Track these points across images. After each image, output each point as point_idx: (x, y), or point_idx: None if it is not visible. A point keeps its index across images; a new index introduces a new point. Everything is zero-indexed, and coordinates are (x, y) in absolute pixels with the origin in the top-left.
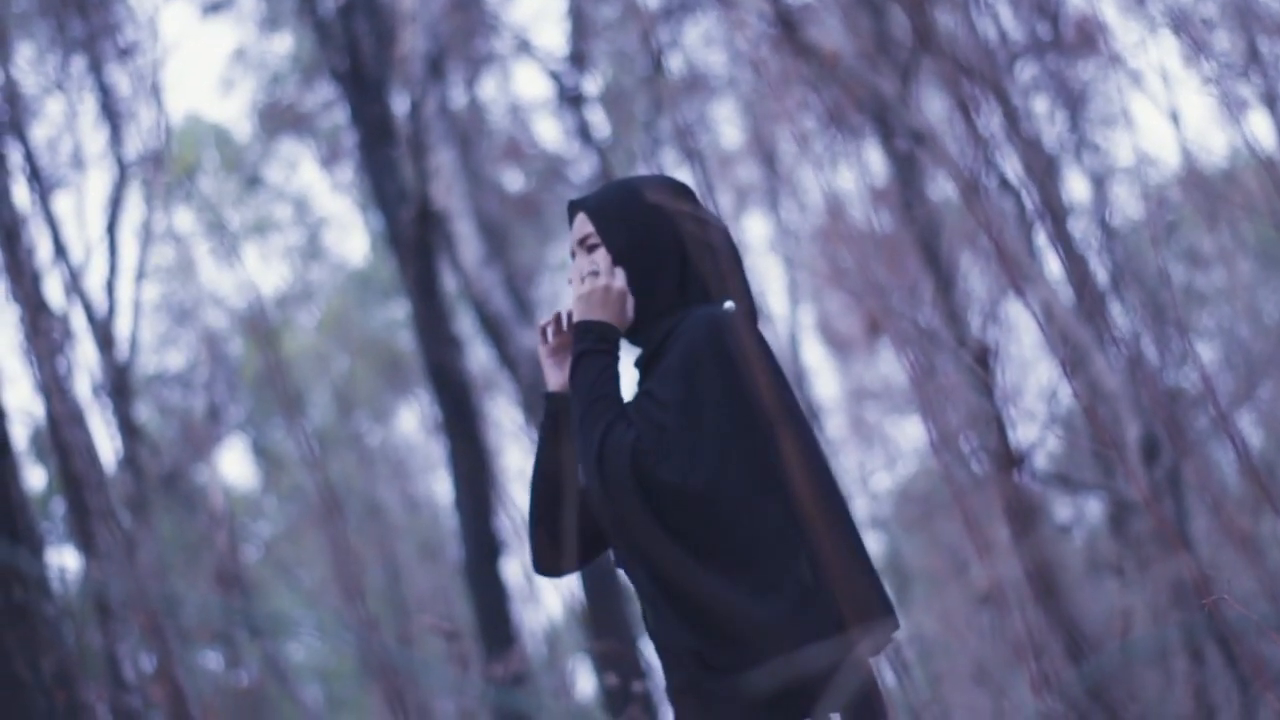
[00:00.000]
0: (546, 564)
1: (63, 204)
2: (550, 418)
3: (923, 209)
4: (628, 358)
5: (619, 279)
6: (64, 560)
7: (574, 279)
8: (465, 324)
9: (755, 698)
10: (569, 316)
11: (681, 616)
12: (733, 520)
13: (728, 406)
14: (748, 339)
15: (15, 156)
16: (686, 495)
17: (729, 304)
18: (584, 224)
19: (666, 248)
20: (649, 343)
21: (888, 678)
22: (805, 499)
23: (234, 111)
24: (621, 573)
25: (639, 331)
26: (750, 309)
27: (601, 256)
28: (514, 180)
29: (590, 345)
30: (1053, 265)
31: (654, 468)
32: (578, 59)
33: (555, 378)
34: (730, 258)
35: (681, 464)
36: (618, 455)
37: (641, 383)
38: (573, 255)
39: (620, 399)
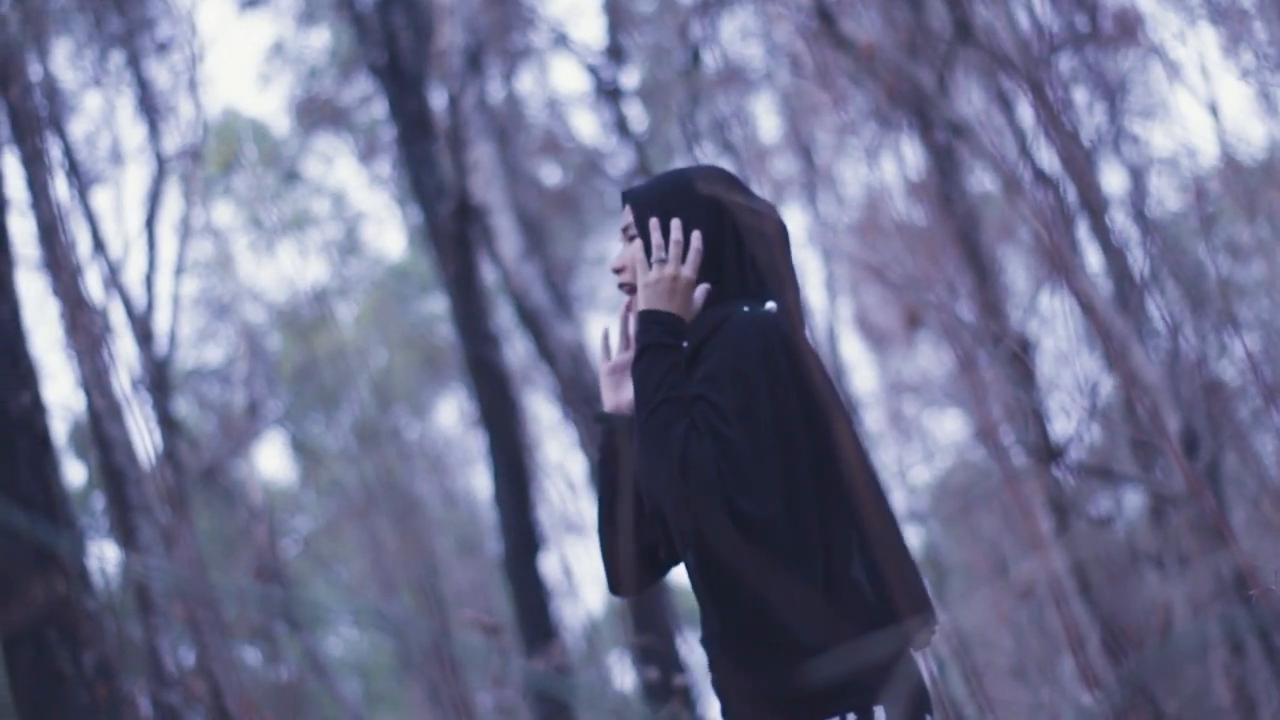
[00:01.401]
0: (624, 586)
1: (102, 199)
2: (609, 437)
3: (961, 202)
4: None
5: (688, 268)
6: (104, 554)
7: (620, 266)
8: (504, 318)
9: (808, 693)
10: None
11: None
12: (798, 537)
13: (781, 420)
14: (793, 339)
15: (54, 152)
16: (762, 525)
17: (771, 304)
18: (627, 214)
19: (704, 241)
20: (693, 337)
21: (927, 672)
22: (860, 497)
23: (272, 106)
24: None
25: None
26: (798, 300)
27: (673, 245)
28: (551, 174)
29: (657, 338)
30: (1092, 258)
31: (734, 497)
32: (615, 53)
33: (612, 397)
34: (782, 248)
35: (759, 497)
36: (702, 472)
37: None
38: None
39: (684, 401)
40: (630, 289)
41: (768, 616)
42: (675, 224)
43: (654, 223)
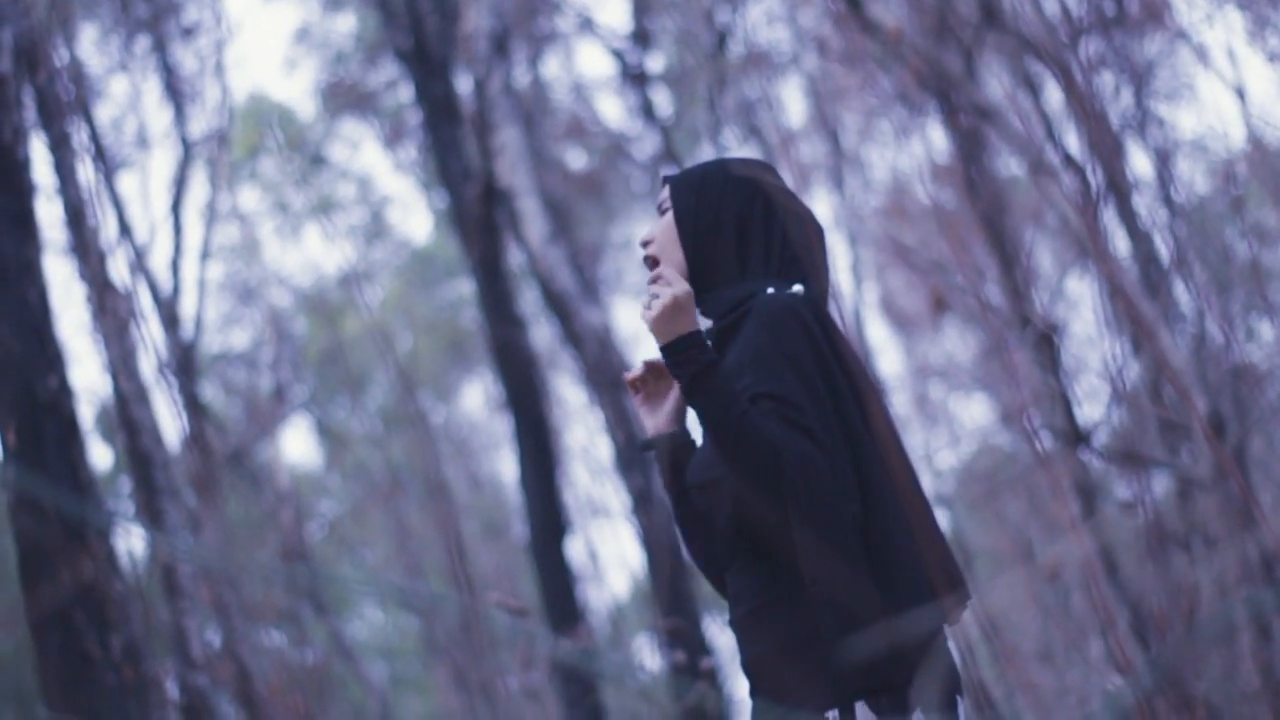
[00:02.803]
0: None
1: (128, 184)
2: (667, 457)
3: (988, 186)
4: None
5: (677, 282)
6: (131, 538)
7: (648, 239)
8: (529, 301)
9: (843, 671)
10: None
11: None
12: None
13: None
14: (825, 319)
15: (81, 136)
16: (856, 519)
17: (798, 287)
18: (664, 192)
19: (728, 216)
20: (714, 314)
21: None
22: (896, 474)
23: (298, 91)
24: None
25: (706, 299)
26: (828, 286)
27: (664, 268)
28: (577, 158)
29: (695, 361)
30: (1118, 241)
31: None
32: (640, 37)
33: (651, 422)
34: (816, 238)
35: (849, 491)
36: (814, 463)
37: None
38: None
39: (739, 406)
40: (654, 262)
41: (810, 594)
42: (653, 245)
43: (646, 250)
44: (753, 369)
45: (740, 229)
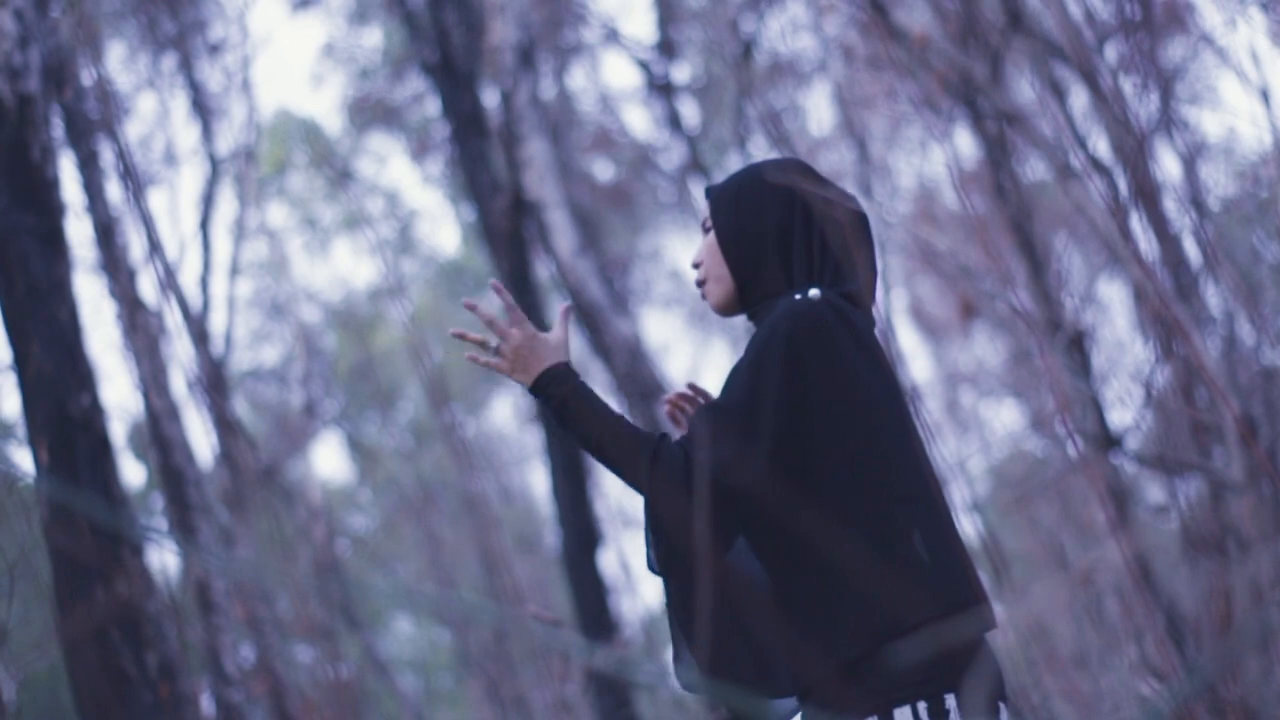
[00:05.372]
0: None
1: (156, 201)
2: None
3: (1015, 191)
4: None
5: (514, 332)
6: (165, 554)
7: (697, 261)
8: (558, 314)
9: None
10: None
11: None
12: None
13: (788, 397)
14: (849, 320)
15: (109, 155)
16: (755, 491)
17: (815, 291)
18: (705, 208)
19: (769, 229)
20: (762, 322)
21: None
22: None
23: (324, 106)
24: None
25: (754, 313)
26: (872, 286)
27: (493, 323)
28: (604, 170)
29: (555, 403)
30: (1146, 245)
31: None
32: (666, 47)
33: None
34: (857, 235)
35: (742, 464)
36: (671, 464)
37: None
38: None
39: (620, 421)
40: (700, 284)
41: (840, 598)
42: (701, 266)
43: (698, 273)
44: (739, 370)
45: (781, 239)
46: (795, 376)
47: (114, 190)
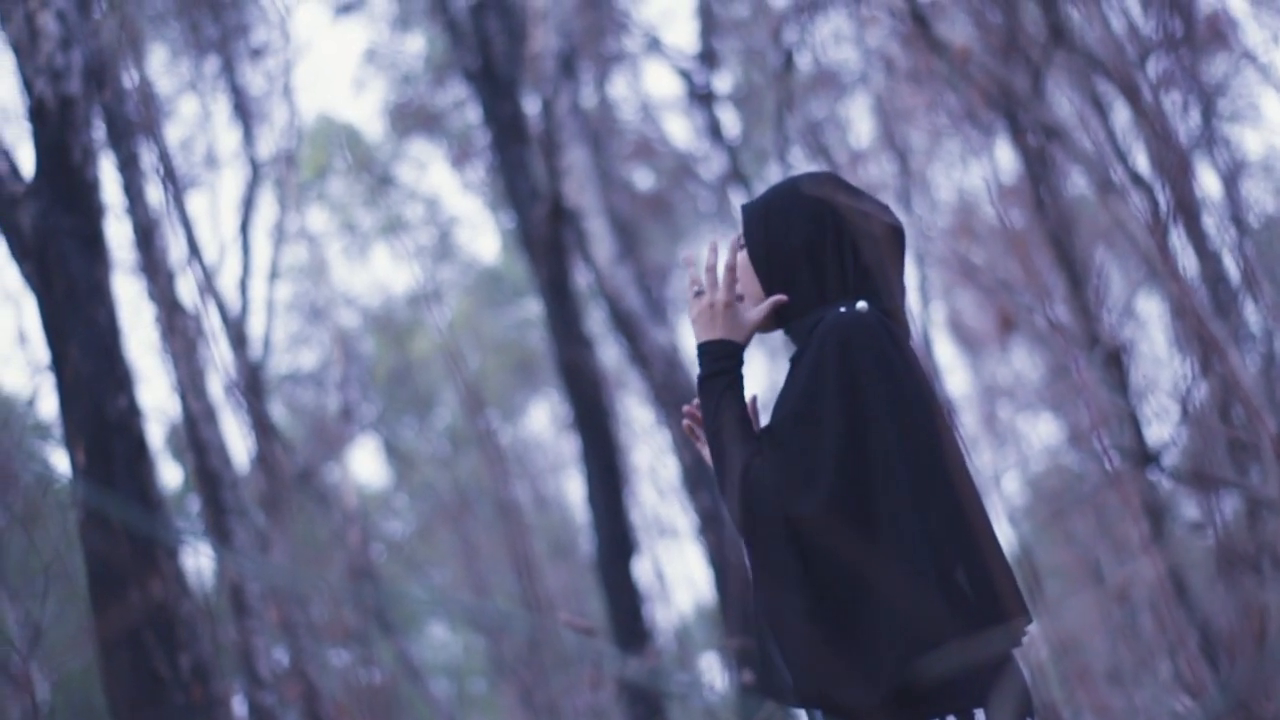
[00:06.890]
0: None
1: (197, 204)
2: None
3: (1055, 205)
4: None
5: (723, 291)
6: (200, 557)
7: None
8: (597, 322)
9: (909, 693)
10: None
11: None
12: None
13: (858, 416)
14: (890, 335)
15: (149, 157)
16: (812, 520)
17: (862, 304)
18: (742, 225)
19: (798, 244)
20: (799, 338)
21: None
22: (964, 492)
23: (365, 112)
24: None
25: (791, 328)
26: (903, 300)
27: (707, 272)
28: (644, 179)
29: (706, 369)
30: (1187, 261)
31: (792, 501)
32: (708, 57)
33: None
34: (891, 248)
35: (810, 496)
36: (761, 489)
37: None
38: None
39: (743, 423)
40: (739, 298)
41: (873, 614)
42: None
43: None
44: (795, 393)
45: (811, 254)
46: (851, 398)
47: (154, 193)
